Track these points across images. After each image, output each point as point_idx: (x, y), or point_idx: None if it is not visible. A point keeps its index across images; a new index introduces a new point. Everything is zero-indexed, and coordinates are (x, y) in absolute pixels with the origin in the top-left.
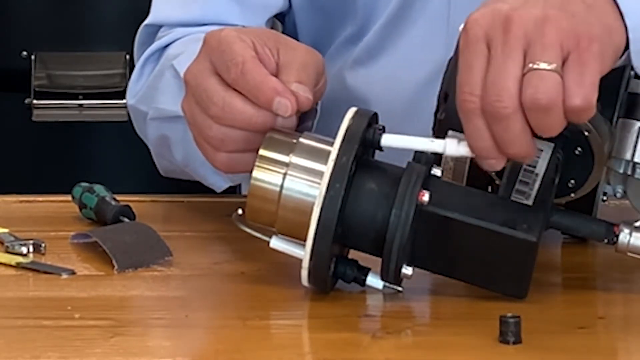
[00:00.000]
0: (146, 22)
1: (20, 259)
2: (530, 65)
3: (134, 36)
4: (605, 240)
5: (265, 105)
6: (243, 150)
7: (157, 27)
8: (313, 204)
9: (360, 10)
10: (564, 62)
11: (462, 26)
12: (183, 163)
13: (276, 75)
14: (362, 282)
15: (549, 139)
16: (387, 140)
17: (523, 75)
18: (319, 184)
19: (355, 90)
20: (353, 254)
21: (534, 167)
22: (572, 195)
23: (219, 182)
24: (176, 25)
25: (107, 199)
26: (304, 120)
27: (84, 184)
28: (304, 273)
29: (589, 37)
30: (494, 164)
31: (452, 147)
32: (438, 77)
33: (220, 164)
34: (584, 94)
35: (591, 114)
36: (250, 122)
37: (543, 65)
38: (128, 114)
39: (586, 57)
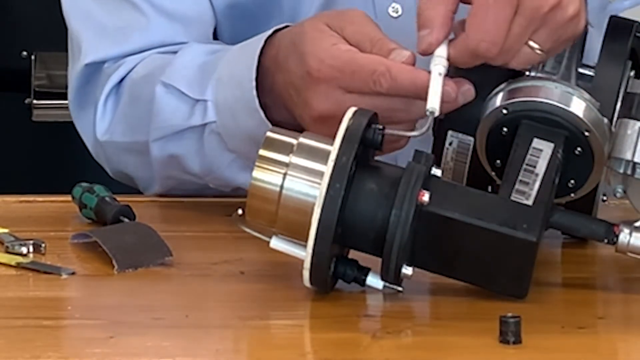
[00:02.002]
0: (86, 61)
1: (20, 259)
2: (531, 43)
3: None
4: (605, 240)
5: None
6: None
7: (100, 65)
8: (313, 204)
9: (285, 8)
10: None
11: None
12: (203, 173)
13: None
14: (362, 282)
15: (549, 139)
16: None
17: None
18: (319, 184)
19: None
20: (353, 254)
21: (534, 167)
22: (572, 195)
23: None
24: (121, 58)
25: (107, 199)
26: None
27: (84, 184)
28: (306, 273)
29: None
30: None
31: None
32: None
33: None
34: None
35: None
36: (411, 114)
37: (536, 46)
38: None
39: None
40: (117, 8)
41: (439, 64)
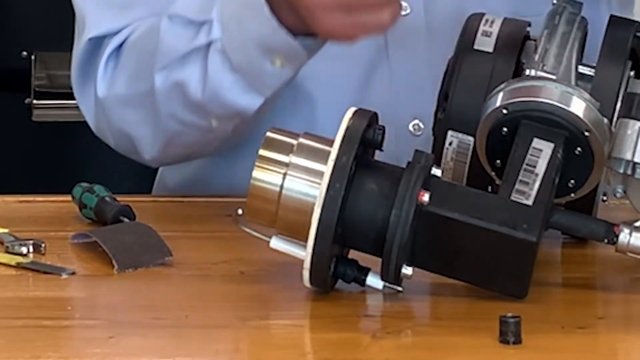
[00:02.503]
0: (89, 36)
1: (20, 259)
2: None
3: None
4: (605, 240)
5: None
6: None
7: (102, 40)
8: (313, 204)
9: None
10: None
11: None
12: (206, 99)
13: None
14: (362, 282)
15: (549, 139)
16: None
17: None
18: (319, 184)
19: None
20: (353, 254)
21: (534, 167)
22: (572, 195)
23: (252, 103)
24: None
25: (107, 199)
26: None
27: (84, 184)
28: (306, 273)
29: None
30: None
31: None
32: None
33: (390, 17)
34: None
35: None
36: None
37: None
38: None
39: None
40: None
41: None
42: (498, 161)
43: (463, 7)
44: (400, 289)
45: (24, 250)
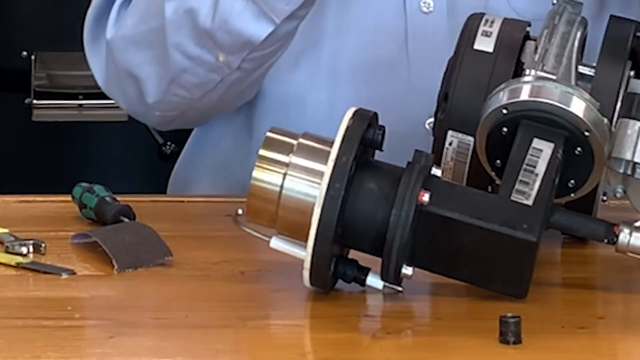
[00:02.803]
0: None
1: (20, 259)
2: None
3: None
4: (605, 240)
5: None
6: None
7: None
8: (313, 204)
9: None
10: None
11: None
12: (216, 26)
13: None
14: (362, 282)
15: (549, 139)
16: None
17: None
18: (319, 184)
19: None
20: (353, 254)
21: (534, 167)
22: (572, 195)
23: (262, 30)
24: None
25: (107, 199)
26: None
27: (84, 184)
28: (306, 273)
29: None
30: None
31: None
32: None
33: None
34: None
35: None
36: None
37: None
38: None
39: None
40: None
41: None
42: (498, 161)
43: (488, 7)
44: (400, 289)
45: (24, 250)
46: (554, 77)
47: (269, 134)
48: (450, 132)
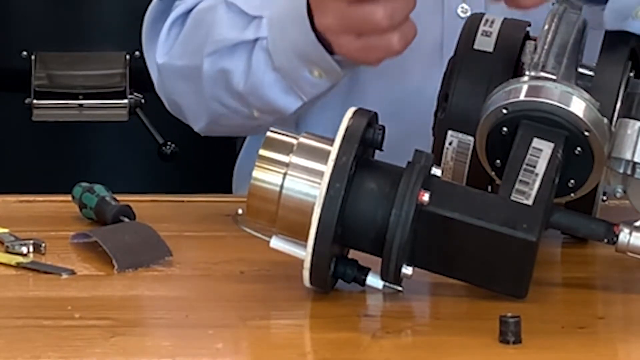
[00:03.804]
0: None
1: (20, 259)
2: None
3: (134, 36)
4: (605, 240)
5: None
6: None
7: (170, 2)
8: (313, 204)
9: None
10: None
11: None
12: (247, 92)
13: None
14: (362, 282)
15: (549, 139)
16: None
17: None
18: (319, 184)
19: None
20: (353, 254)
21: (534, 167)
22: (572, 195)
23: (291, 103)
24: None
25: (107, 199)
26: None
27: (84, 184)
28: (306, 273)
29: None
30: None
31: None
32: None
33: (398, 44)
34: None
35: None
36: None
37: None
38: (128, 113)
39: None
40: None
41: None
42: (498, 161)
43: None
44: (400, 289)
45: (24, 250)
46: (554, 77)
47: (269, 133)
48: (450, 132)
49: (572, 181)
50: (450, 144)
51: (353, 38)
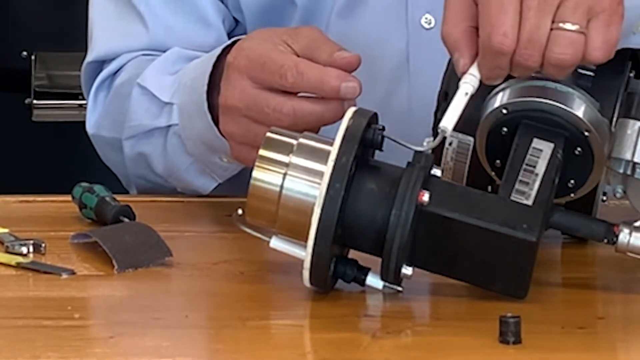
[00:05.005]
0: (88, 59)
1: (20, 259)
2: (560, 24)
3: None
4: (605, 240)
5: (334, 95)
6: None
7: (100, 63)
8: (313, 204)
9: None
10: (589, 19)
11: None
12: (166, 174)
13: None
14: (362, 282)
15: (549, 139)
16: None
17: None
18: (319, 184)
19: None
20: (353, 254)
21: (534, 167)
22: (572, 195)
23: (207, 184)
24: (121, 54)
25: (107, 199)
26: None
27: (84, 184)
28: (306, 273)
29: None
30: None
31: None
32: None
33: None
34: (606, 52)
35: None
36: (323, 118)
37: (569, 27)
38: None
39: (614, 19)
40: (123, 12)
41: (467, 82)
42: (498, 161)
43: None
44: (400, 289)
45: (24, 250)
46: None
47: (268, 134)
48: (450, 132)
49: (572, 181)
50: (450, 144)
51: (253, 150)
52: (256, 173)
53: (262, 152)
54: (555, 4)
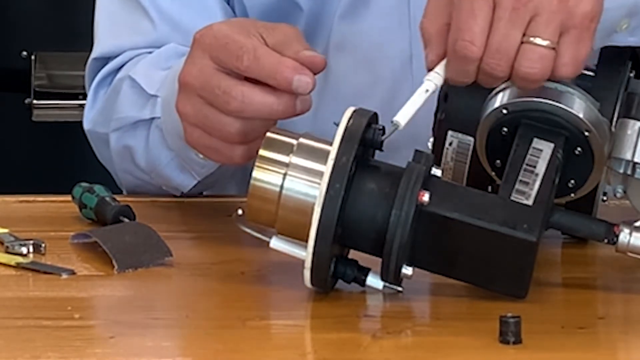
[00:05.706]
0: (93, 56)
1: (20, 259)
2: (531, 39)
3: None
4: (605, 240)
5: (285, 86)
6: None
7: (105, 60)
8: (313, 204)
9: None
10: (560, 34)
11: None
12: (148, 169)
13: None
14: (362, 282)
15: (549, 139)
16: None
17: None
18: (319, 184)
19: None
20: (353, 254)
21: (534, 167)
22: (572, 195)
23: (186, 182)
24: (125, 51)
25: (107, 199)
26: None
27: (84, 184)
28: (306, 273)
29: (592, 15)
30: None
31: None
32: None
33: (241, 158)
34: (574, 67)
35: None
36: (272, 110)
37: (540, 41)
38: None
39: (585, 35)
40: (129, 9)
41: (431, 80)
42: (498, 161)
43: None
44: (400, 289)
45: (24, 250)
46: None
47: (268, 134)
48: (450, 132)
49: (572, 181)
50: (450, 144)
51: (204, 134)
52: (256, 173)
53: (262, 152)
54: (527, 17)
